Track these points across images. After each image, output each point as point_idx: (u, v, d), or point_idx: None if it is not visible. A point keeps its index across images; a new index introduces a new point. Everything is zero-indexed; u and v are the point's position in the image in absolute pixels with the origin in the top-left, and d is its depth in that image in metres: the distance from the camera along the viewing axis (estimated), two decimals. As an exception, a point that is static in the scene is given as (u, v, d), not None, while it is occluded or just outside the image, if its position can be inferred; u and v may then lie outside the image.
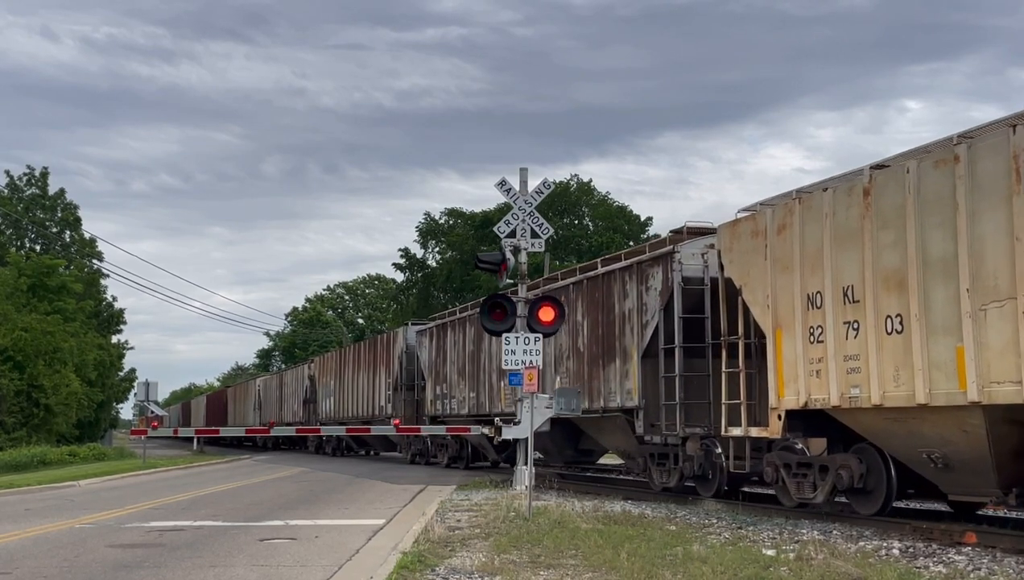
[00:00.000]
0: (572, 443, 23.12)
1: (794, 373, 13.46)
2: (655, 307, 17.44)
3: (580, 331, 20.26)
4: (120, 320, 68.10)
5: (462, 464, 29.13)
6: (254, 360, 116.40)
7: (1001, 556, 10.37)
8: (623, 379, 18.29)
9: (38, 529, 14.28)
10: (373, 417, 35.47)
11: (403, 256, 68.00)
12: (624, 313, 18.46)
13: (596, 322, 19.52)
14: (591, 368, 19.62)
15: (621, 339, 18.48)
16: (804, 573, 9.16)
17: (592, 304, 19.78)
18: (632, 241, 56.65)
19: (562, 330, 20.49)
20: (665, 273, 17.21)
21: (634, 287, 18.14)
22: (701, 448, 16.48)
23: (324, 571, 9.94)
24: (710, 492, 16.78)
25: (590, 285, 20.10)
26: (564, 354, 21.06)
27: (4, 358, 43.85)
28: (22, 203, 61.25)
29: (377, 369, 35.89)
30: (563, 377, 20.91)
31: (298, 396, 49.73)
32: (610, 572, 9.39)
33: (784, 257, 13.81)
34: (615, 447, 20.60)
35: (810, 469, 13.96)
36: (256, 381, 65.44)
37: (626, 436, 18.83)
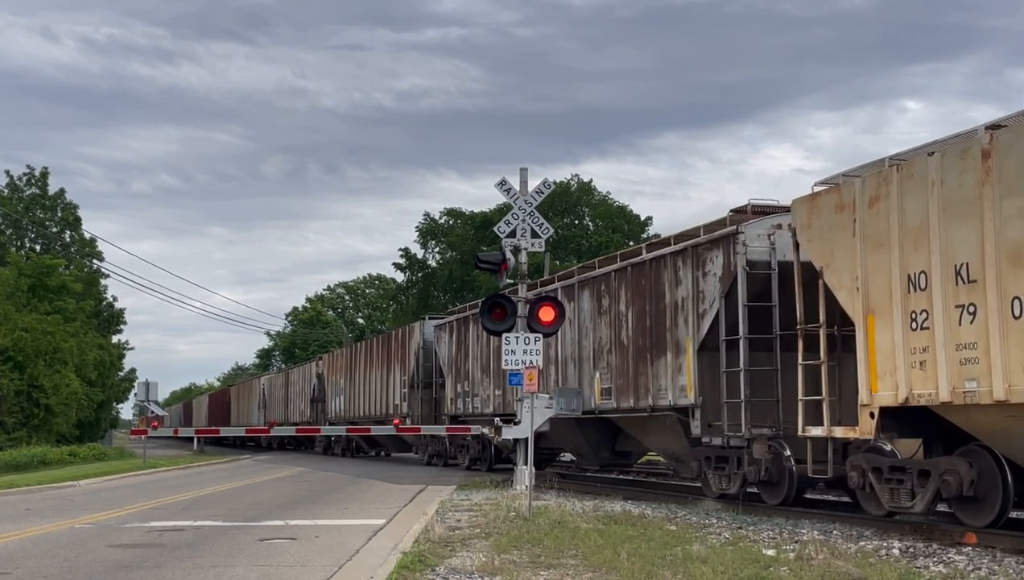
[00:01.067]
0: (609, 444, 21.73)
1: (890, 365, 11.91)
2: (714, 294, 15.91)
3: (624, 322, 18.64)
4: (120, 320, 68.14)
5: (484, 466, 27.27)
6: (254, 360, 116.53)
7: (1001, 556, 10.37)
8: (675, 375, 16.81)
9: (38, 529, 14.28)
10: (387, 416, 33.69)
11: (403, 256, 68.04)
12: (676, 302, 16.95)
13: (643, 312, 18.00)
14: (637, 363, 18.11)
15: (673, 331, 16.95)
16: (804, 573, 9.16)
17: (638, 293, 18.24)
18: (632, 241, 56.65)
19: (602, 322, 19.48)
20: (727, 256, 15.63)
21: (688, 273, 16.60)
22: (769, 451, 14.90)
23: (324, 571, 9.94)
24: (777, 499, 15.14)
25: (635, 272, 18.41)
26: (605, 348, 19.48)
27: (4, 358, 43.84)
28: (22, 203, 61.25)
29: (391, 366, 34.37)
30: (603, 373, 19.39)
31: (305, 395, 48.33)
32: (610, 572, 9.39)
33: (878, 233, 12.19)
34: (661, 449, 19.26)
35: (906, 474, 12.23)
36: (261, 379, 64.14)
37: (676, 437, 17.46)
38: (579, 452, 23.02)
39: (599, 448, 22.03)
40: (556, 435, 22.62)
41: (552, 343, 21.26)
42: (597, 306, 19.80)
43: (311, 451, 50.75)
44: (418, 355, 31.96)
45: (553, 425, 21.28)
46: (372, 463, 36.81)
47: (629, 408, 18.32)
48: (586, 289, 20.41)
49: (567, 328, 20.72)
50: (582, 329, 20.45)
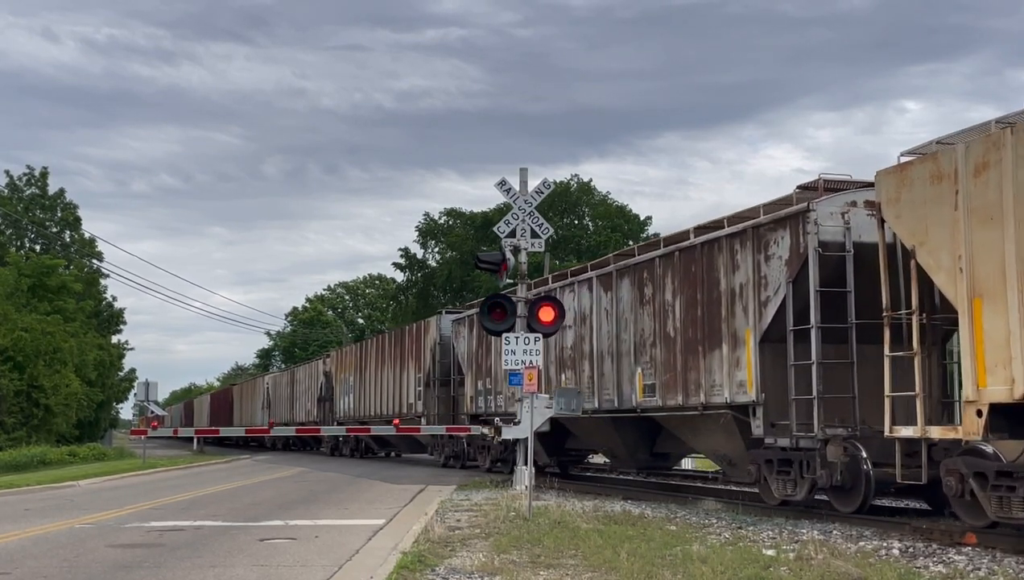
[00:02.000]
0: (647, 445, 20.12)
1: (1003, 356, 10.52)
2: (779, 280, 14.43)
3: (670, 313, 17.12)
4: (120, 320, 68.19)
5: (508, 468, 25.10)
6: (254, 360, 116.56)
7: (1001, 556, 10.37)
8: (732, 369, 15.30)
9: (38, 529, 14.27)
10: (400, 415, 32.22)
11: (403, 256, 68.04)
12: (733, 289, 15.46)
13: (692, 301, 16.45)
14: (686, 357, 16.61)
15: (729, 321, 15.47)
16: (804, 573, 9.16)
17: (687, 280, 16.70)
18: (631, 240, 56.66)
19: (644, 313, 18.00)
20: (795, 237, 14.17)
21: (748, 256, 15.06)
22: (845, 453, 13.44)
23: (324, 571, 9.94)
24: (851, 507, 13.68)
25: (684, 258, 16.82)
26: (647, 341, 17.86)
27: (4, 358, 43.86)
28: (22, 203, 61.27)
29: (405, 363, 32.78)
30: (646, 368, 17.84)
31: (312, 394, 46.82)
32: (610, 572, 9.39)
33: (986, 206, 10.82)
34: (712, 451, 17.59)
35: (1020, 481, 10.69)
36: (265, 378, 62.76)
37: (730, 438, 15.98)
38: (614, 453, 21.45)
39: (637, 449, 20.38)
40: (587, 435, 21.71)
41: (586, 337, 20.16)
42: (638, 296, 18.20)
43: (316, 452, 49.83)
44: (434, 351, 30.46)
45: (584, 424, 20.40)
46: (374, 464, 36.62)
47: (676, 406, 16.85)
48: (625, 278, 18.71)
49: (603, 320, 19.47)
50: (621, 321, 18.82)
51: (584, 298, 20.40)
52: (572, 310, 20.57)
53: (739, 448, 15.90)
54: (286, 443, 56.56)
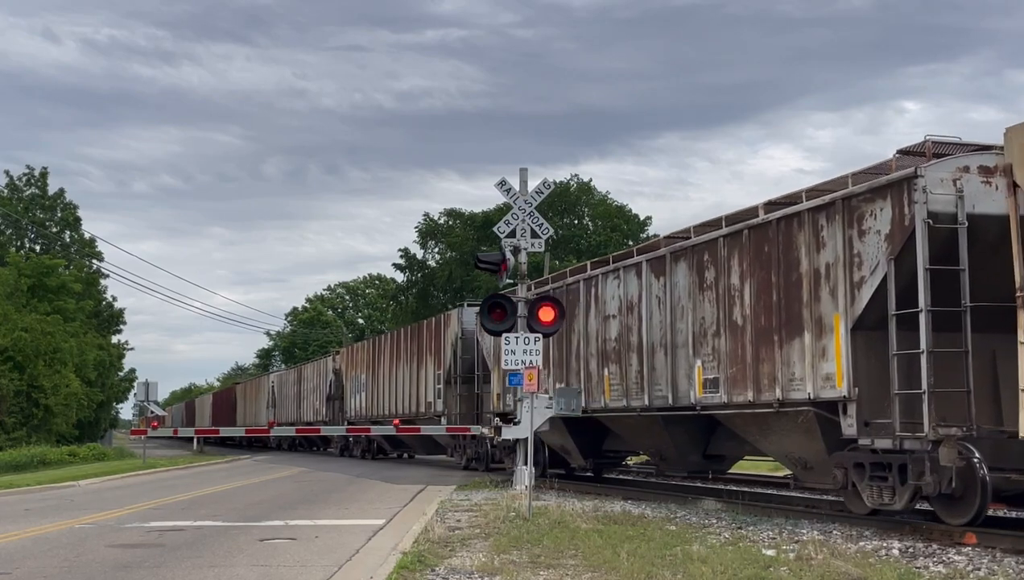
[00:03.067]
0: (699, 447, 18.26)
1: None
2: (877, 257, 12.63)
3: (737, 298, 15.35)
4: (120, 320, 68.20)
5: (538, 470, 22.79)
6: (254, 360, 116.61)
7: (1001, 556, 10.36)
8: (817, 360, 13.55)
9: (38, 529, 14.28)
10: (418, 415, 30.91)
11: (403, 256, 68.04)
12: (817, 270, 13.66)
13: (766, 284, 14.66)
14: (758, 347, 14.78)
15: (812, 306, 13.67)
16: (804, 573, 9.16)
17: (758, 261, 14.89)
18: (631, 240, 56.65)
19: (704, 299, 16.20)
20: (898, 208, 12.39)
21: (837, 232, 13.28)
22: (960, 456, 11.59)
23: (324, 571, 9.94)
24: (963, 518, 11.92)
25: (755, 236, 15.00)
26: (708, 330, 16.07)
27: (4, 358, 43.88)
28: (22, 203, 61.28)
29: (423, 359, 31.00)
30: (707, 360, 16.03)
31: (320, 392, 45.20)
32: (610, 572, 9.39)
33: None
34: (784, 453, 15.49)
35: None
36: (270, 377, 61.10)
37: (809, 438, 14.19)
38: (662, 455, 19.35)
39: (688, 451, 18.42)
40: (631, 434, 19.88)
41: (633, 327, 18.21)
42: (697, 280, 16.35)
43: (323, 453, 48.68)
44: (455, 346, 28.49)
45: (629, 423, 19.03)
46: (377, 464, 36.38)
47: (745, 403, 15.03)
48: (681, 261, 16.82)
49: (655, 308, 17.59)
50: (676, 309, 16.93)
51: (631, 285, 18.38)
52: (617, 298, 18.80)
53: (819, 450, 14.12)
54: (292, 443, 55.20)
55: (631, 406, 18.20)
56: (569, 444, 21.88)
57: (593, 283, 19.95)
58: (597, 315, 19.53)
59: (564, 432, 21.38)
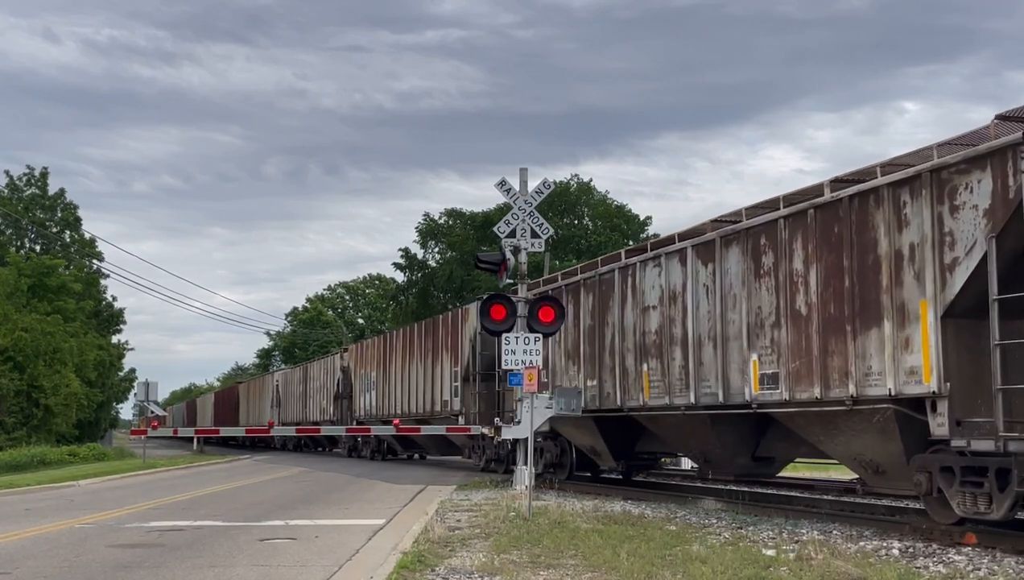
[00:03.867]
0: (748, 448, 16.89)
1: None
2: (974, 236, 11.37)
3: (800, 285, 14.02)
4: (120, 320, 68.20)
5: (563, 474, 22.36)
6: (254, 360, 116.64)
7: (1001, 556, 10.36)
8: (899, 352, 12.26)
9: (38, 529, 14.28)
10: (433, 414, 29.52)
11: (403, 256, 68.06)
12: (899, 251, 12.35)
13: (836, 269, 13.32)
14: (826, 338, 13.41)
15: (893, 291, 12.34)
16: (804, 573, 9.15)
17: (826, 243, 13.55)
18: (631, 240, 56.66)
19: (762, 286, 14.79)
20: (1000, 180, 11.10)
21: (923, 208, 12.00)
22: None
23: (324, 571, 9.94)
24: None
25: (822, 216, 13.63)
26: (767, 321, 14.65)
27: (4, 358, 43.89)
28: (22, 203, 61.29)
29: (438, 356, 29.54)
30: (764, 354, 14.61)
31: (327, 391, 43.75)
32: (610, 572, 9.39)
33: None
34: (853, 455, 13.91)
35: None
36: (275, 375, 59.38)
37: (886, 439, 12.85)
38: (707, 457, 17.90)
39: (736, 452, 16.99)
40: (672, 434, 18.38)
41: (677, 319, 16.85)
42: (753, 266, 14.98)
43: (329, 454, 47.54)
44: (474, 342, 26.88)
45: (670, 422, 17.53)
46: (380, 464, 36.20)
47: (810, 400, 13.66)
48: (733, 246, 15.47)
49: (702, 298, 16.18)
50: (727, 299, 15.55)
51: (674, 273, 16.95)
52: (658, 288, 17.40)
53: (895, 452, 12.86)
54: (297, 444, 53.87)
55: (674, 404, 16.73)
56: (600, 445, 20.55)
57: (630, 272, 18.38)
58: (635, 306, 18.08)
59: (595, 432, 20.19)
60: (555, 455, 22.53)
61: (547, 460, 22.65)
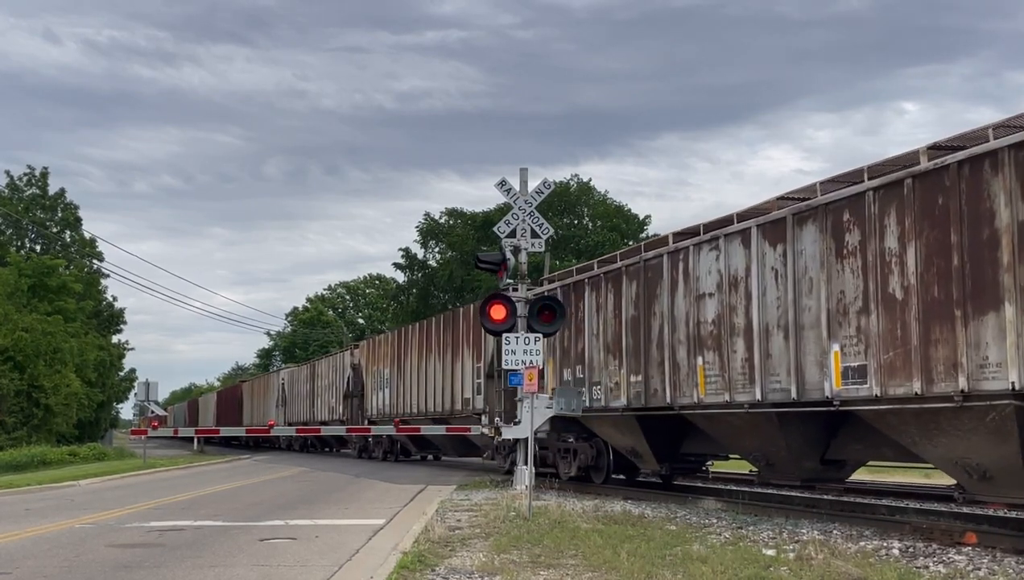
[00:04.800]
0: (817, 450, 15.08)
1: None
2: None
3: (895, 265, 12.47)
4: (120, 320, 68.28)
5: (600, 477, 20.49)
6: (254, 360, 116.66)
7: (1001, 556, 10.35)
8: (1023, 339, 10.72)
9: (38, 529, 14.27)
10: (453, 413, 27.99)
11: (403, 256, 68.06)
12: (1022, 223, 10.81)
13: (941, 246, 11.80)
14: (928, 325, 11.91)
15: (1017, 270, 10.84)
16: (804, 573, 9.15)
17: (927, 217, 12.04)
18: (631, 240, 56.67)
19: (845, 268, 13.09)
20: None
21: None
22: None
23: (324, 571, 9.94)
24: None
25: (922, 186, 12.09)
26: (852, 307, 12.95)
27: (4, 358, 43.91)
28: (22, 203, 61.30)
29: (458, 351, 27.93)
30: (849, 344, 12.97)
31: (336, 389, 42.04)
32: (610, 572, 9.39)
33: None
34: (958, 458, 12.30)
35: None
36: (280, 373, 57.46)
37: (998, 440, 11.45)
38: (769, 459, 15.85)
39: (804, 454, 15.21)
40: (728, 435, 16.41)
41: (739, 306, 15.13)
42: (833, 246, 13.34)
43: (337, 454, 46.15)
44: None
45: (728, 421, 15.67)
46: (383, 465, 35.95)
47: (909, 396, 12.12)
48: (809, 224, 13.77)
49: (770, 283, 14.43)
50: (801, 283, 13.87)
51: (735, 256, 15.29)
52: (715, 273, 15.72)
53: (1009, 454, 11.44)
54: (304, 444, 52.06)
55: (735, 401, 14.99)
56: (641, 446, 18.70)
57: (681, 257, 16.66)
58: (687, 294, 16.38)
59: (637, 432, 18.43)
60: (591, 457, 20.63)
61: (581, 462, 20.87)
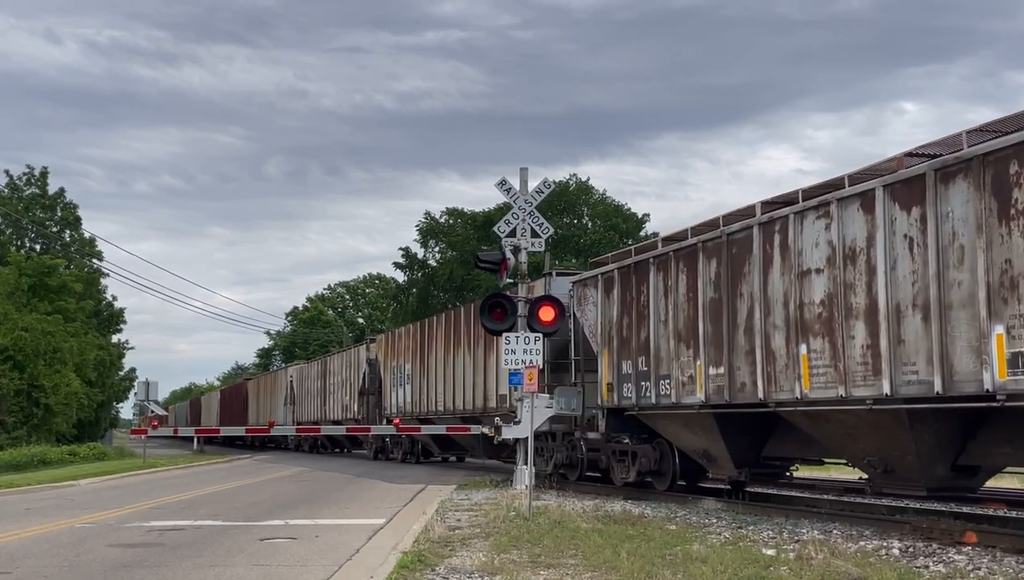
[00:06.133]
0: (949, 455, 12.70)
1: None
2: None
3: None
4: (120, 320, 68.24)
5: (665, 482, 18.15)
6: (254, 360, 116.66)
7: (1001, 556, 10.35)
8: None
9: (38, 529, 14.27)
10: (485, 411, 25.29)
11: (404, 256, 68.05)
12: None
13: None
14: None
15: None
16: (804, 573, 9.15)
17: None
18: (630, 239, 56.68)
19: (1008, 232, 10.74)
20: None
21: None
22: None
23: (324, 571, 9.94)
24: None
25: None
26: (1021, 280, 10.63)
27: (4, 358, 43.89)
28: (22, 203, 61.28)
29: (492, 344, 25.31)
30: (1018, 326, 10.61)
31: (351, 386, 39.69)
32: (610, 572, 9.39)
33: None
34: None
35: None
36: (288, 370, 54.60)
37: None
38: (889, 464, 13.33)
39: (934, 459, 12.78)
40: (832, 435, 13.99)
41: (857, 284, 12.73)
42: (995, 206, 10.96)
43: (350, 455, 44.64)
44: None
45: (833, 420, 13.53)
46: (380, 464, 35.93)
47: None
48: (958, 181, 11.41)
49: (902, 254, 12.07)
50: (946, 252, 11.52)
51: (853, 224, 12.85)
52: (824, 245, 13.28)
53: None
54: (313, 445, 49.76)
55: (852, 396, 12.68)
56: (717, 448, 16.28)
57: (777, 228, 14.25)
58: (785, 272, 13.99)
59: (713, 432, 16.03)
60: (653, 461, 18.07)
61: (642, 467, 18.34)
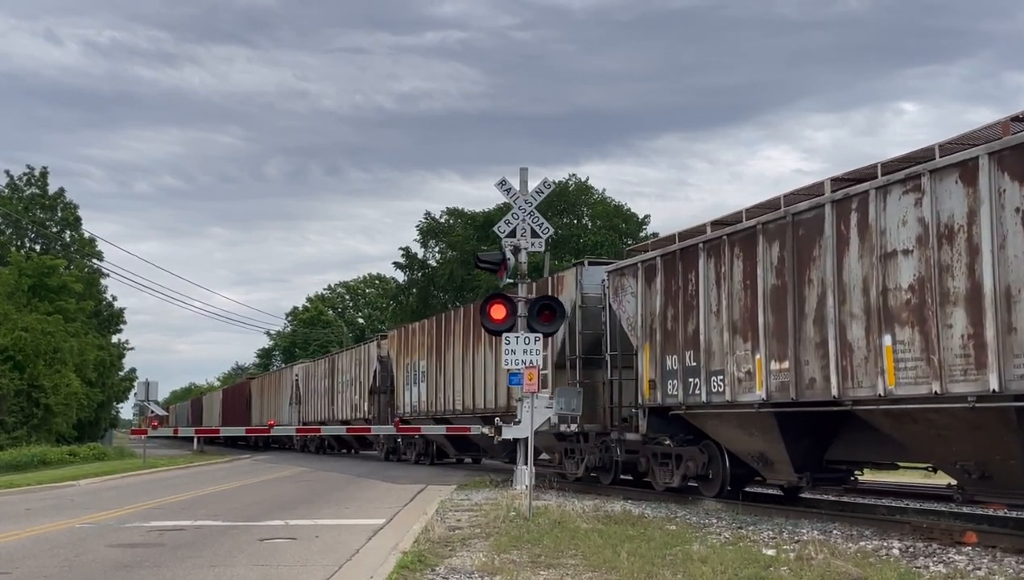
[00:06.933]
0: None
1: None
2: None
3: None
4: (120, 320, 68.32)
5: (713, 488, 16.66)
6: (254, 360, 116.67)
7: (1001, 556, 10.35)
8: None
9: (38, 529, 14.27)
10: (509, 410, 23.20)
11: (404, 256, 68.05)
12: None
13: None
14: None
15: None
16: (804, 573, 9.15)
17: None
18: (630, 239, 56.69)
19: None
20: None
21: None
22: None
23: (324, 571, 9.94)
24: None
25: None
26: None
27: (4, 358, 43.91)
28: (22, 203, 61.30)
29: None
30: None
31: (361, 385, 38.17)
32: (610, 572, 9.39)
33: None
34: None
35: None
36: (294, 368, 52.48)
37: None
38: (987, 469, 11.75)
39: None
40: (921, 436, 12.38)
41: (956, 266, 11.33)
42: None
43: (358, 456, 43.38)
44: (572, 318, 20.96)
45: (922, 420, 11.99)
46: (380, 464, 35.92)
47: None
48: None
49: (1013, 232, 10.61)
50: None
51: (950, 199, 11.38)
52: (913, 223, 11.87)
53: None
54: (320, 446, 47.93)
55: (949, 392, 11.29)
56: (775, 450, 14.89)
57: (854, 205, 12.78)
58: (863, 254, 12.57)
59: (772, 433, 14.65)
60: (701, 464, 16.71)
61: (688, 471, 17.05)
